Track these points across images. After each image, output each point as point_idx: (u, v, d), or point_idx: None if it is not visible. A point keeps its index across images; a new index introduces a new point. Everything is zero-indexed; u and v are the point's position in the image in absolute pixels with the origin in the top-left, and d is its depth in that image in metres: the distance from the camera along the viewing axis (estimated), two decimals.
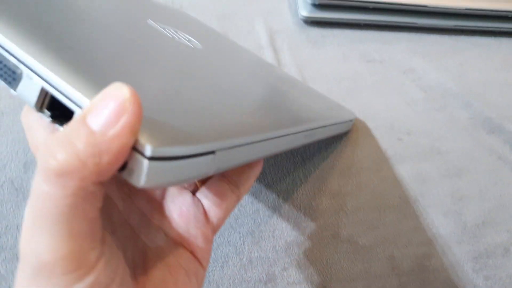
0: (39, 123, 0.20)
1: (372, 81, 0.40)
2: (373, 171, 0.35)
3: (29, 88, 0.16)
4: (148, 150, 0.13)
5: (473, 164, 0.36)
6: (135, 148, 0.14)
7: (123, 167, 0.14)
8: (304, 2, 0.42)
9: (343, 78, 0.40)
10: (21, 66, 0.16)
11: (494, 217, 0.35)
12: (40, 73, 0.16)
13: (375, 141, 0.36)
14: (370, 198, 0.34)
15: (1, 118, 0.34)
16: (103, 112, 0.14)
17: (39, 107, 0.16)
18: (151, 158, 0.14)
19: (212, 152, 0.16)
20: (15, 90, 0.16)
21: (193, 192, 0.26)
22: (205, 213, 0.25)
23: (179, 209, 0.24)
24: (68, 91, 0.15)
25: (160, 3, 0.35)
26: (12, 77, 0.16)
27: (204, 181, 0.26)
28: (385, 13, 0.43)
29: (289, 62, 0.41)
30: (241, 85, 0.27)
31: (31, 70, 0.16)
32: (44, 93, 0.16)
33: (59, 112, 0.16)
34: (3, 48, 0.16)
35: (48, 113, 0.16)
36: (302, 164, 0.35)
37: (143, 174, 0.14)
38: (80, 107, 0.15)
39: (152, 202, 0.24)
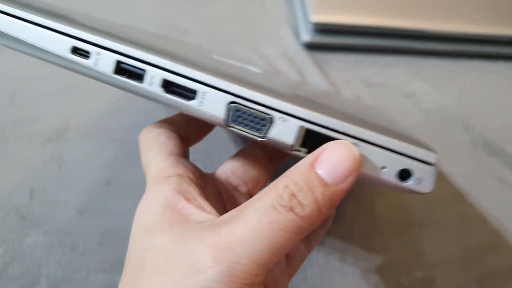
0: (155, 144, 0.21)
1: (373, 105, 0.41)
2: (378, 196, 0.35)
3: (285, 130, 0.17)
4: (433, 158, 0.17)
5: (475, 187, 0.37)
6: (416, 159, 0.17)
7: (404, 178, 0.17)
8: (306, 28, 0.43)
9: (346, 102, 0.41)
10: (273, 113, 0.17)
11: (497, 239, 0.35)
12: (296, 114, 0.17)
13: None
14: (376, 223, 0.35)
15: (7, 145, 0.34)
16: (334, 166, 0.15)
17: (292, 145, 0.18)
18: (433, 165, 0.17)
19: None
20: (264, 135, 0.18)
21: None
22: (287, 260, 0.24)
23: None
24: (332, 124, 0.17)
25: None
26: (260, 124, 0.18)
27: None
28: (385, 37, 0.44)
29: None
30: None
31: (287, 114, 0.17)
32: (299, 132, 0.17)
33: (310, 148, 0.18)
34: (252, 101, 0.18)
35: (305, 149, 0.18)
36: None
37: (432, 180, 0.17)
38: (357, 138, 0.17)
39: None
